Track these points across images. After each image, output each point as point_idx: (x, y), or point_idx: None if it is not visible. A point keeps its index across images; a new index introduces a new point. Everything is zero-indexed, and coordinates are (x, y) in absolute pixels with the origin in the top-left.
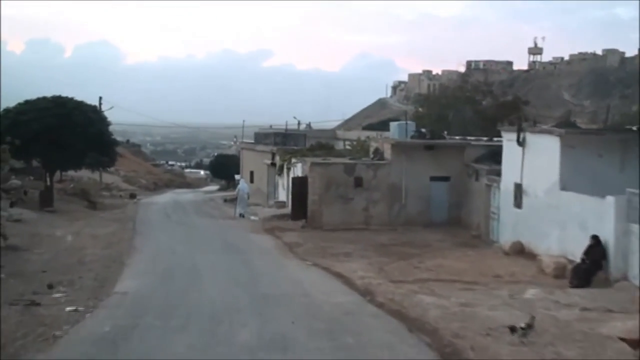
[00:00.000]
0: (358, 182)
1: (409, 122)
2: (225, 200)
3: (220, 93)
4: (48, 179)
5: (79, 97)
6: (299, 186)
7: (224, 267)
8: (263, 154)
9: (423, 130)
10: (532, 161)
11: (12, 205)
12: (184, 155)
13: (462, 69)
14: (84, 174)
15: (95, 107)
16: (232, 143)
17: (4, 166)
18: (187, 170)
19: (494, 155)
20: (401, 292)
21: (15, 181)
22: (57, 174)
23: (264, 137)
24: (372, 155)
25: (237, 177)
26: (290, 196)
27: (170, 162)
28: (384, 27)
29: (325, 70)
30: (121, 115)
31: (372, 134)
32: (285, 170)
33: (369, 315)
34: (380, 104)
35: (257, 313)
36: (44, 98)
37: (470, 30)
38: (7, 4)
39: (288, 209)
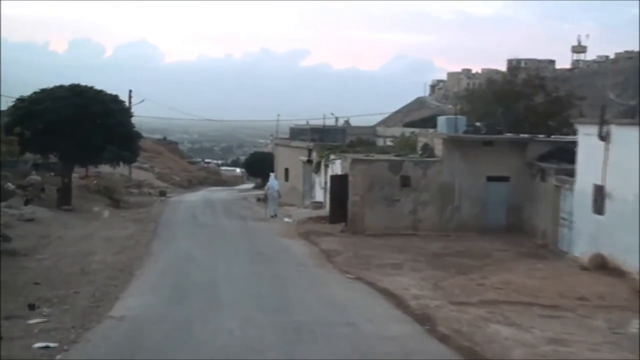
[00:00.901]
0: (405, 182)
1: (458, 116)
2: (259, 200)
3: (257, 92)
4: (66, 175)
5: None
6: (338, 185)
7: (249, 283)
8: (299, 150)
9: (478, 124)
10: (619, 159)
11: (26, 203)
12: (221, 153)
13: (503, 68)
14: (117, 170)
15: (116, 96)
16: (269, 141)
17: (18, 160)
18: (223, 168)
19: (562, 153)
20: (468, 319)
21: (34, 177)
22: (82, 170)
23: (299, 132)
24: (420, 152)
25: (272, 175)
26: (328, 196)
27: (206, 160)
28: (422, 26)
29: (362, 70)
30: (158, 113)
31: (416, 130)
32: (322, 167)
33: (434, 356)
34: (419, 102)
35: (285, 353)
36: (61, 86)
37: (508, 30)
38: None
39: (325, 211)
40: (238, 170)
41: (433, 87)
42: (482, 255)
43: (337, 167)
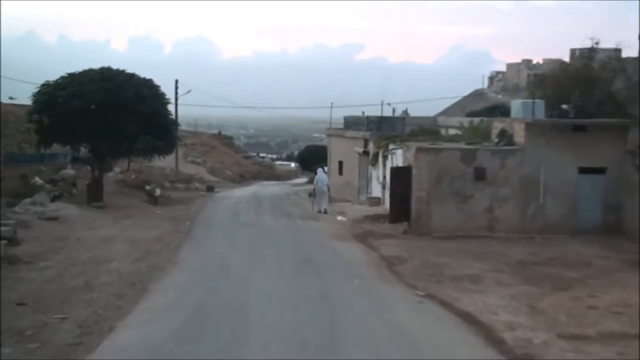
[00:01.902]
0: (479, 174)
1: (536, 100)
2: (310, 195)
3: (312, 87)
4: (97, 169)
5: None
6: (400, 179)
7: (289, 306)
8: (354, 141)
9: (565, 106)
10: None
11: (54, 199)
12: (276, 147)
13: (566, 58)
14: (166, 163)
15: (150, 81)
16: (324, 136)
17: (57, 153)
18: (278, 162)
19: None
20: None
21: (68, 171)
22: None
23: (354, 122)
24: (496, 140)
25: (321, 168)
26: (387, 192)
27: (261, 154)
28: (479, 18)
29: (418, 63)
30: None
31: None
32: (380, 159)
33: None
34: (477, 95)
35: None
36: (90, 70)
37: (570, 19)
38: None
39: (384, 208)
40: (293, 164)
41: (491, 78)
42: (580, 264)
43: (398, 158)
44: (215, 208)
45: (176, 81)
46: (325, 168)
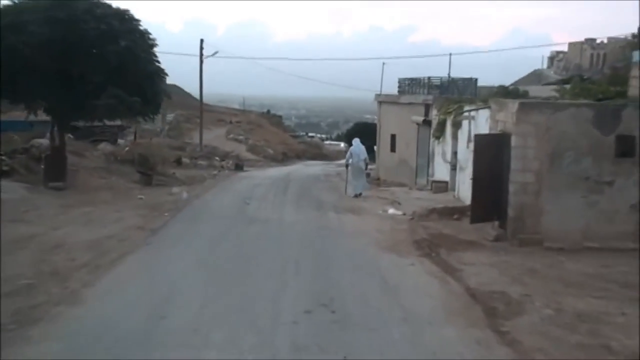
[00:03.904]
0: (626, 148)
1: None
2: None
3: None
4: (57, 137)
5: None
6: (489, 154)
7: None
8: (411, 107)
9: None
10: None
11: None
12: (327, 128)
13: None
14: (193, 138)
15: (125, 11)
16: (375, 117)
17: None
18: (327, 142)
19: None
20: None
21: (40, 140)
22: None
23: (411, 86)
24: None
25: (356, 140)
26: (460, 174)
27: (310, 134)
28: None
29: (473, 45)
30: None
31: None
32: (449, 129)
33: None
34: (536, 75)
35: None
36: None
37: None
38: None
39: (455, 196)
40: (342, 144)
41: (551, 59)
42: None
43: (480, 125)
44: (223, 191)
45: (201, 41)
46: (357, 139)
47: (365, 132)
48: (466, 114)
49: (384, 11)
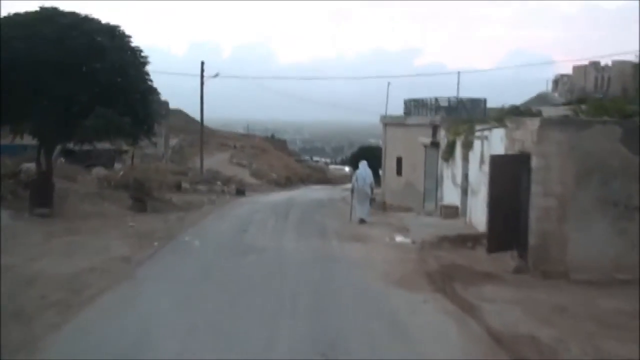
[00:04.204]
0: None
1: None
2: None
3: (369, 91)
4: (45, 161)
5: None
6: (507, 176)
7: None
8: (418, 129)
9: None
10: None
11: None
12: (332, 152)
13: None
14: (194, 163)
15: (114, 27)
16: (380, 142)
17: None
18: (332, 166)
19: None
20: None
21: (29, 165)
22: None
23: (417, 107)
24: None
25: (363, 163)
26: (472, 198)
27: (315, 158)
28: (541, 22)
29: (477, 68)
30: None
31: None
32: (459, 150)
33: None
34: (540, 98)
35: None
36: (24, 14)
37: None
38: (172, 7)
39: (466, 222)
40: (347, 168)
41: (556, 82)
42: None
43: (494, 145)
44: (220, 218)
45: (202, 63)
46: (363, 162)
47: (370, 155)
48: (478, 133)
49: (387, 33)
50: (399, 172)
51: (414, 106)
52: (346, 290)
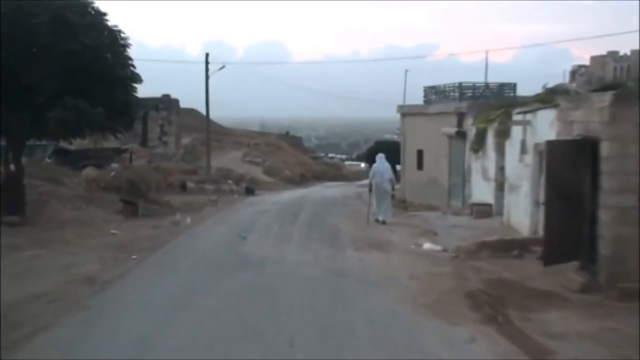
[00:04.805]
0: None
1: None
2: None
3: (384, 87)
4: (11, 159)
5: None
6: (567, 167)
7: None
8: (440, 118)
9: None
10: None
11: None
12: (347, 148)
13: None
14: (220, 161)
15: (88, 3)
16: (395, 136)
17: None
18: (348, 162)
19: None
20: None
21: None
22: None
23: (438, 95)
24: None
25: (380, 156)
26: (511, 195)
27: (330, 155)
28: (557, 14)
29: (493, 62)
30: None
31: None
32: (491, 140)
33: None
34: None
35: None
36: None
37: None
38: (187, 7)
39: (506, 223)
40: (362, 164)
41: (573, 73)
42: None
43: (540, 132)
44: (220, 222)
45: (206, 55)
46: (381, 155)
47: (388, 150)
48: (518, 117)
49: (402, 29)
50: (419, 166)
51: (435, 93)
52: (362, 321)
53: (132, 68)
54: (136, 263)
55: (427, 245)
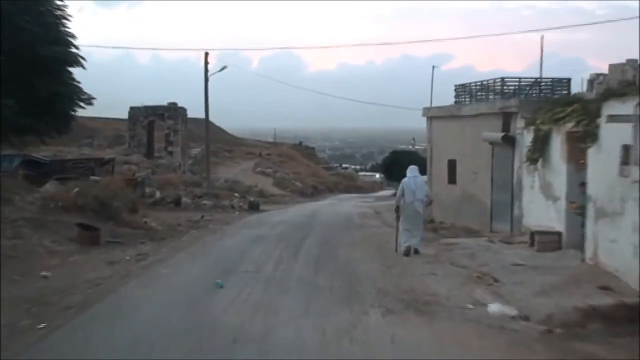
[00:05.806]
0: None
1: None
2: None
3: (398, 98)
4: None
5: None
6: None
7: None
8: (479, 121)
9: None
10: None
11: None
12: (361, 159)
13: None
14: (228, 171)
15: None
16: (410, 147)
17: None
18: (362, 173)
19: None
20: None
21: None
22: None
23: (471, 93)
24: None
25: (412, 168)
26: (593, 220)
27: (344, 165)
28: (572, 24)
29: (507, 71)
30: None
31: None
32: (558, 146)
33: None
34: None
35: None
36: None
37: None
38: (203, 19)
39: (594, 261)
40: (377, 175)
41: (591, 81)
42: None
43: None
44: (199, 254)
45: (206, 54)
46: (413, 167)
47: (405, 161)
48: (612, 111)
49: (416, 39)
50: (451, 179)
51: (467, 93)
52: None
53: (69, 48)
54: (37, 339)
55: (494, 308)
